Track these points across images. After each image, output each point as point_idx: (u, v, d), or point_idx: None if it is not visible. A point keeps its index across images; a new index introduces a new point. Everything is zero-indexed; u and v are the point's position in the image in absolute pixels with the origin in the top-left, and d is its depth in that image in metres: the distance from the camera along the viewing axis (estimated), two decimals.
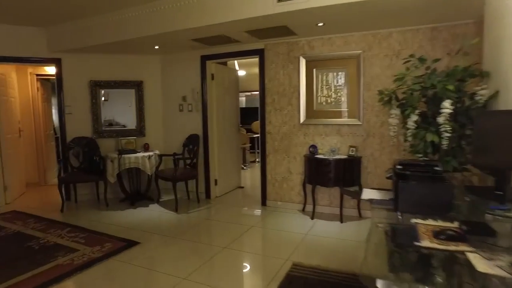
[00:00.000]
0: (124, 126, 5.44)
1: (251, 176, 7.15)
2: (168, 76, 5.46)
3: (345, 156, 4.08)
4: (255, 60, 4.78)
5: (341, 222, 4.00)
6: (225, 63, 5.76)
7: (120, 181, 5.03)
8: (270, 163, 4.73)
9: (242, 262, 3.15)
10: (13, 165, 5.41)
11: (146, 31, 4.07)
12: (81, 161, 5.03)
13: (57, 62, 5.04)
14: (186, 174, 4.81)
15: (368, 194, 1.91)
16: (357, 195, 1.93)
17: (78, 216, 4.52)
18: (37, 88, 6.27)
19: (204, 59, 5.05)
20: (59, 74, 5.09)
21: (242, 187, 5.98)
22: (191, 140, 5.12)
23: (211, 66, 5.13)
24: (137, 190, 5.18)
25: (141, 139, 5.39)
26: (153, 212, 4.58)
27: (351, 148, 4.11)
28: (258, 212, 4.59)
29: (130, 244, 3.43)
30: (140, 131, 5.45)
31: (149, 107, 5.50)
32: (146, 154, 4.86)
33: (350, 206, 4.24)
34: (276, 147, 4.67)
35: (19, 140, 5.82)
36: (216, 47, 4.86)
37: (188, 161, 4.97)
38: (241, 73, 7.95)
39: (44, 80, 6.35)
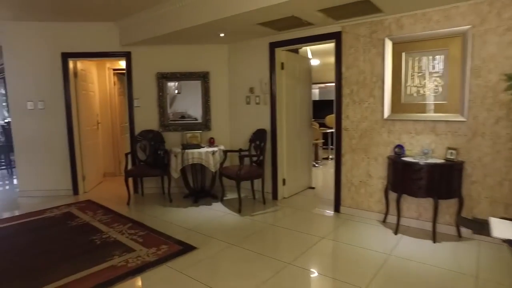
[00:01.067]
0: (195, 119, 5.27)
1: (323, 175, 6.53)
2: (235, 66, 5.11)
3: (442, 160, 3.29)
4: (331, 47, 4.16)
5: (434, 241, 3.23)
6: (296, 51, 5.21)
7: (184, 176, 4.86)
8: (346, 164, 4.09)
9: (308, 287, 2.63)
10: (91, 156, 5.66)
11: (207, 17, 3.75)
12: (147, 155, 4.98)
13: (127, 55, 5.06)
14: (251, 173, 4.43)
15: (502, 229, 1.25)
16: (482, 229, 1.25)
17: (142, 210, 4.46)
18: (114, 82, 6.49)
19: (273, 46, 4.56)
20: (129, 67, 5.11)
21: (313, 188, 5.43)
22: (258, 136, 4.72)
23: (280, 54, 4.63)
24: (202, 187, 4.98)
25: (207, 133, 5.17)
26: (215, 212, 4.30)
27: (450, 151, 3.30)
28: (330, 219, 4.01)
29: (186, 249, 3.16)
30: (205, 124, 5.23)
31: (215, 100, 5.24)
32: (210, 149, 4.59)
33: (445, 221, 3.43)
34: (353, 146, 4.01)
35: (97, 132, 6.08)
36: (285, 33, 4.35)
37: (255, 158, 4.59)
38: (315, 62, 7.33)
39: (120, 74, 6.54)
